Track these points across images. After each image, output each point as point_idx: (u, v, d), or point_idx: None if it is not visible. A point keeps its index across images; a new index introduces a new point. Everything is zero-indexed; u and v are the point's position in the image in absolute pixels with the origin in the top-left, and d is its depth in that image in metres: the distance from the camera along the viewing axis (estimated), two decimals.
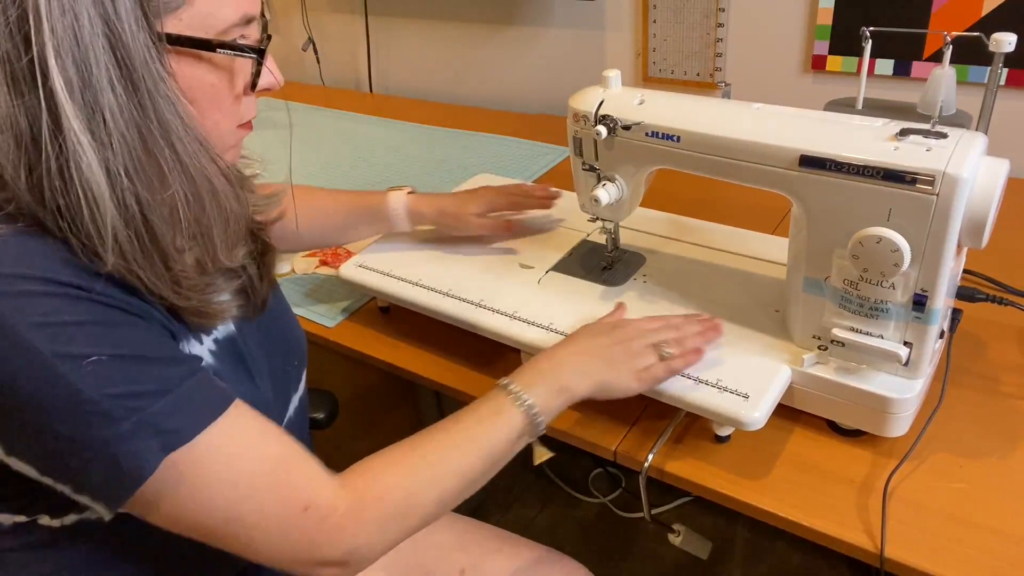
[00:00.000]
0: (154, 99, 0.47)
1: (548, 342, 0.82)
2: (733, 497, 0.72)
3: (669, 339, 0.75)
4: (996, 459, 0.72)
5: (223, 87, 0.54)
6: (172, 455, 0.51)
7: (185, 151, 0.50)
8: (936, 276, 0.66)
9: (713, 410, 0.72)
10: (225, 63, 0.53)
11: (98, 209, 0.47)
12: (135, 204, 0.49)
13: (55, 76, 0.43)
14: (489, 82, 1.83)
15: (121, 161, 0.47)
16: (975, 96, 1.02)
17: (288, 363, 0.75)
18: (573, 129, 0.84)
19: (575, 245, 1.00)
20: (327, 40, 2.07)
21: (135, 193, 0.48)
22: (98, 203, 0.47)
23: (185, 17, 0.49)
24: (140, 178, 0.48)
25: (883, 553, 0.65)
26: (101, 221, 0.48)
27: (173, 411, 0.51)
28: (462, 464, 0.64)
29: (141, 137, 0.48)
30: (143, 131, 0.48)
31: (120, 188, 0.48)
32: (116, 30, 0.45)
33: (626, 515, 1.64)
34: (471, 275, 0.95)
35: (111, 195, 0.47)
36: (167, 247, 0.52)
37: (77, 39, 0.44)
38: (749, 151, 0.71)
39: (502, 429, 0.66)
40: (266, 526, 0.55)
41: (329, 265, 1.16)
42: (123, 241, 0.49)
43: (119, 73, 0.45)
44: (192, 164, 0.51)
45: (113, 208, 0.48)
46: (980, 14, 1.18)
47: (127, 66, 0.46)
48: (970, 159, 0.61)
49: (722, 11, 1.41)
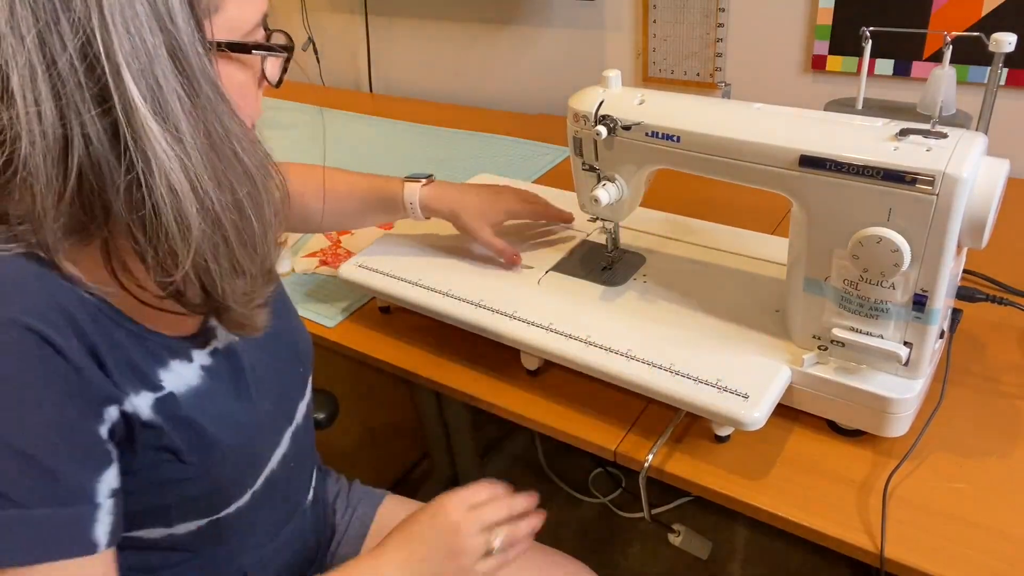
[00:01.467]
0: (214, 103, 0.49)
1: (548, 342, 0.82)
2: (733, 497, 0.72)
3: (500, 523, 0.69)
4: (996, 459, 0.72)
5: (250, 84, 0.56)
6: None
7: (244, 150, 0.51)
8: (936, 276, 0.66)
9: (713, 410, 0.72)
10: (252, 62, 0.55)
11: (183, 215, 0.48)
12: (214, 206, 0.49)
13: (131, 89, 0.44)
14: (489, 82, 1.83)
15: (198, 166, 0.48)
16: (975, 96, 1.02)
17: (294, 371, 0.74)
18: (573, 129, 0.84)
19: (575, 245, 1.00)
20: (327, 40, 2.07)
21: (212, 196, 0.49)
22: (184, 210, 0.48)
23: (218, 22, 0.50)
24: (217, 181, 0.49)
25: (883, 553, 0.65)
26: (184, 227, 0.48)
27: (11, 529, 0.47)
28: None
29: (210, 142, 0.49)
30: (212, 135, 0.49)
31: (201, 193, 0.48)
32: (175, 41, 0.46)
33: (626, 515, 1.64)
34: (471, 275, 0.95)
35: (194, 199, 0.48)
36: (238, 248, 0.52)
37: (144, 53, 0.45)
38: (749, 151, 0.71)
39: None
40: None
41: (329, 265, 1.16)
42: (204, 244, 0.49)
43: (183, 81, 0.47)
44: (252, 162, 0.52)
45: (196, 211, 0.48)
46: (980, 14, 1.18)
47: (188, 74, 0.47)
48: (970, 159, 0.61)
49: (722, 11, 1.41)
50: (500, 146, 1.54)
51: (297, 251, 1.21)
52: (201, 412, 0.60)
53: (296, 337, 0.76)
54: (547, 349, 0.82)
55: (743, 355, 0.77)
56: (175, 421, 0.58)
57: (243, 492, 0.66)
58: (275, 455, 0.70)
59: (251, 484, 0.67)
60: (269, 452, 0.69)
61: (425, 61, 1.92)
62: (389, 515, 0.93)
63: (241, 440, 0.64)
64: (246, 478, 0.66)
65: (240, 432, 0.64)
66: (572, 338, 0.82)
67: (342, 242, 1.22)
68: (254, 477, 0.67)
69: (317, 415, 1.00)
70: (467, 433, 1.64)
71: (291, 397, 0.73)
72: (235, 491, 0.65)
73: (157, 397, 0.57)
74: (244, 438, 0.65)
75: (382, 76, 2.03)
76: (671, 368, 0.76)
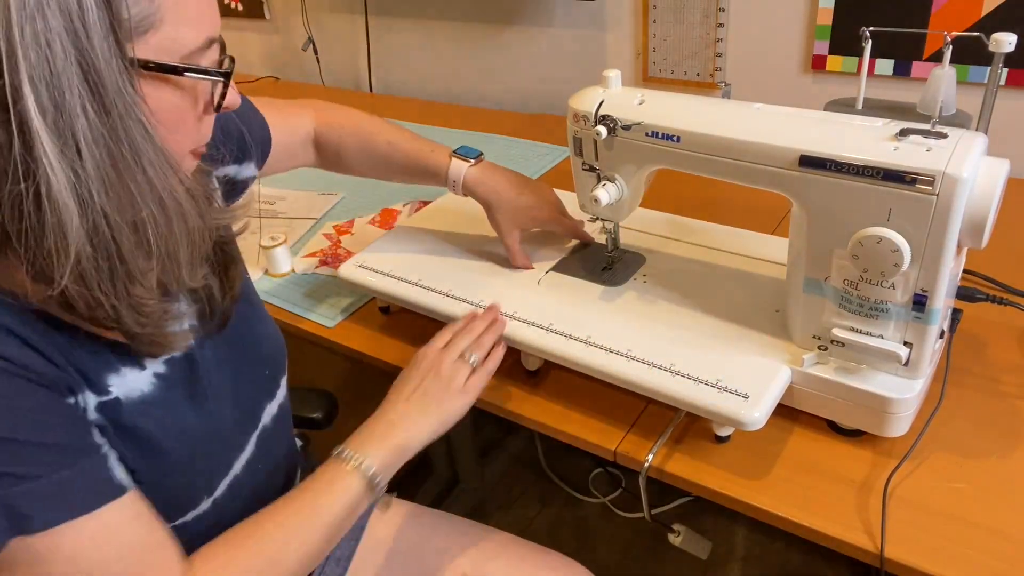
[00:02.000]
0: (126, 123, 0.47)
1: (548, 342, 0.82)
2: (733, 497, 0.72)
3: (469, 346, 0.79)
4: (996, 459, 0.72)
5: (187, 108, 0.54)
6: (23, 538, 0.51)
7: (156, 173, 0.50)
8: (936, 276, 0.66)
9: (713, 410, 0.72)
10: (189, 85, 0.53)
11: (63, 232, 0.46)
12: (105, 226, 0.48)
13: (29, 103, 0.43)
14: (489, 82, 1.83)
15: (93, 184, 0.46)
16: (975, 96, 1.02)
17: (258, 375, 0.75)
18: (573, 129, 0.84)
19: (575, 245, 1.00)
20: (327, 40, 2.07)
21: (105, 215, 0.47)
22: (64, 226, 0.46)
23: (153, 42, 0.49)
24: (111, 201, 0.47)
25: (883, 553, 0.65)
26: (63, 244, 0.46)
27: (35, 498, 0.51)
28: (305, 540, 0.65)
29: (113, 160, 0.47)
30: (115, 155, 0.47)
31: (91, 211, 0.47)
32: (89, 57, 0.44)
33: (626, 515, 1.64)
34: (471, 275, 0.95)
35: (80, 218, 0.46)
36: (133, 269, 0.51)
37: (50, 66, 0.43)
38: (749, 151, 0.71)
39: (341, 498, 0.67)
40: None
41: (329, 265, 1.16)
42: (86, 263, 0.48)
43: (92, 99, 0.45)
44: (162, 185, 0.50)
45: (81, 230, 0.47)
46: (980, 14, 1.18)
47: (99, 92, 0.45)
48: (970, 159, 0.61)
49: (722, 11, 1.41)
50: (500, 146, 1.54)
51: (297, 251, 1.21)
52: (150, 420, 0.61)
53: (263, 341, 0.77)
54: (547, 349, 0.82)
55: (743, 355, 0.77)
56: (117, 427, 0.59)
57: (199, 500, 0.67)
58: (238, 460, 0.71)
59: (209, 492, 0.67)
60: (230, 459, 0.70)
61: (425, 61, 1.92)
62: (384, 518, 0.93)
63: (193, 450, 0.65)
64: (202, 486, 0.67)
65: (192, 442, 0.65)
66: (572, 338, 0.82)
67: (342, 242, 1.22)
68: (212, 485, 0.68)
69: (316, 415, 1.00)
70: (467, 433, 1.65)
71: (255, 400, 0.74)
72: (191, 499, 0.66)
73: (101, 401, 0.58)
74: (196, 448, 0.65)
75: (382, 76, 2.03)
76: (671, 368, 0.76)
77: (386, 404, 0.76)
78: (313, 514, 0.66)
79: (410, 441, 0.73)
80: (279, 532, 0.64)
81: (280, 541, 0.64)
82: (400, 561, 0.88)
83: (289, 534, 0.65)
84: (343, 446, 0.71)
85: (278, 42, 2.20)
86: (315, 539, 0.66)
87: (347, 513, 0.68)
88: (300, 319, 1.05)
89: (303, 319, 1.04)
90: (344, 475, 0.68)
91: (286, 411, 0.81)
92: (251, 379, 0.74)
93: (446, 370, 0.77)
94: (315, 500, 0.67)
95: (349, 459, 0.69)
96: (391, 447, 0.71)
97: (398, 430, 0.73)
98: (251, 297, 0.78)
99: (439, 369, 0.77)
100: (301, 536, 0.65)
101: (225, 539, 0.64)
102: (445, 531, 0.91)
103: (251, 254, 1.18)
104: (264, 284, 1.13)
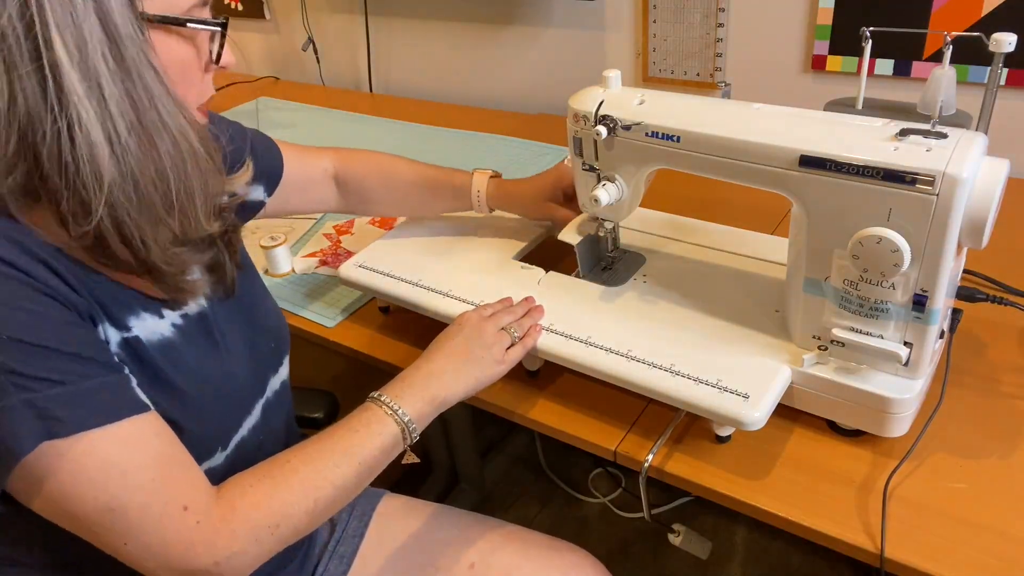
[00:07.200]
0: (139, 68, 0.54)
1: (548, 342, 0.82)
2: (733, 497, 0.72)
3: (512, 322, 0.82)
4: (996, 459, 0.72)
5: (191, 60, 0.61)
6: (54, 442, 0.53)
7: (168, 113, 0.56)
8: (936, 276, 0.66)
9: (713, 410, 0.72)
10: (190, 36, 0.60)
11: (97, 164, 0.53)
12: (130, 161, 0.54)
13: (58, 50, 0.50)
14: (489, 82, 1.83)
15: (117, 123, 0.53)
16: (975, 96, 1.02)
17: (264, 344, 0.77)
18: (573, 129, 0.84)
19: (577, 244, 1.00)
20: (327, 40, 2.07)
21: (130, 151, 0.54)
22: (97, 159, 0.52)
23: None
24: (132, 137, 0.54)
25: (883, 553, 0.65)
26: (97, 174, 0.53)
27: (64, 402, 0.54)
28: (335, 474, 0.65)
29: (131, 101, 0.54)
30: (132, 95, 0.54)
31: (117, 147, 0.53)
32: (106, 9, 0.52)
33: (626, 515, 1.64)
34: (471, 275, 0.95)
35: (110, 152, 0.53)
36: (156, 204, 0.57)
37: (73, 19, 0.50)
38: (749, 151, 0.71)
39: (375, 439, 0.69)
40: (145, 521, 0.57)
41: (329, 265, 1.16)
42: (118, 193, 0.54)
43: (109, 46, 0.52)
44: (174, 124, 0.57)
45: (111, 162, 0.53)
46: (980, 14, 1.18)
47: (116, 40, 0.52)
48: (970, 159, 0.61)
49: (722, 11, 1.41)
50: (500, 146, 1.54)
51: (297, 251, 1.21)
52: (169, 362, 0.64)
53: (268, 314, 0.81)
54: (547, 349, 0.82)
55: (743, 355, 0.77)
56: (141, 364, 0.62)
57: (214, 449, 0.68)
58: (246, 422, 0.72)
59: (222, 444, 0.69)
60: (240, 416, 0.72)
61: (425, 61, 1.92)
62: (387, 513, 0.93)
63: (209, 394, 0.67)
64: (217, 435, 0.68)
65: (210, 389, 0.67)
66: (572, 338, 0.82)
67: (342, 242, 1.22)
68: (226, 436, 0.69)
69: (316, 415, 1.00)
70: (467, 433, 1.65)
71: (263, 368, 0.76)
72: (206, 446, 0.67)
73: (124, 337, 0.61)
74: (213, 394, 0.67)
75: (382, 76, 2.03)
76: (671, 368, 0.76)
77: (426, 357, 0.78)
78: (348, 451, 0.67)
79: (446, 395, 0.74)
80: (311, 465, 0.65)
81: (310, 475, 0.64)
82: (405, 555, 0.88)
83: (322, 467, 0.65)
84: (380, 391, 0.72)
85: (278, 42, 2.20)
86: (347, 475, 0.66)
87: (379, 455, 0.69)
88: (300, 319, 1.05)
89: (303, 319, 1.04)
90: (380, 418, 0.70)
91: (287, 390, 0.82)
92: (259, 348, 0.76)
93: (489, 337, 0.79)
94: (350, 438, 0.68)
95: (386, 404, 0.71)
96: (428, 398, 0.73)
97: (435, 382, 0.74)
98: (252, 272, 0.81)
99: (483, 334, 0.79)
100: (331, 472, 0.65)
101: (255, 469, 0.65)
102: (450, 524, 0.91)
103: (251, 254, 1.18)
104: None
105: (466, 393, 0.76)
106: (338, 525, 0.91)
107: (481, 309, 0.84)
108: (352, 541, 0.90)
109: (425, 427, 0.73)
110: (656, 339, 0.81)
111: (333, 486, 0.65)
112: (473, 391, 0.77)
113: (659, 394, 0.75)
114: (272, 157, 0.94)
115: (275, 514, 0.62)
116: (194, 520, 0.58)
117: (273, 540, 0.62)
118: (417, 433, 0.72)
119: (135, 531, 0.56)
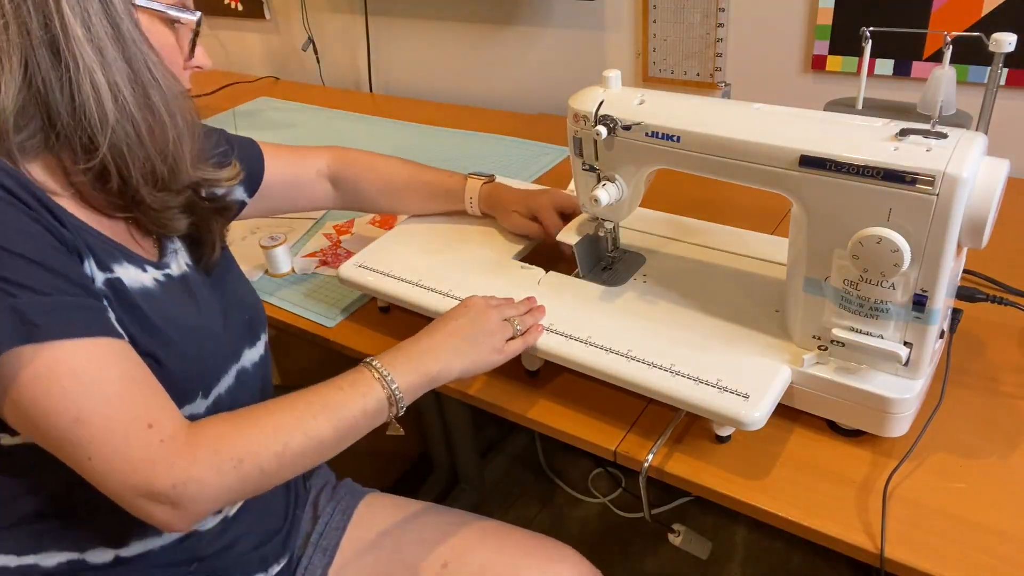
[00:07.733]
0: (133, 37, 0.64)
1: (548, 342, 0.82)
2: (733, 497, 0.72)
3: (515, 316, 0.83)
4: (996, 459, 0.72)
5: (173, 48, 0.70)
6: (28, 346, 0.56)
7: (158, 73, 0.66)
8: (936, 276, 0.66)
9: (713, 410, 0.72)
10: (175, 30, 0.70)
11: (103, 106, 0.62)
12: (129, 107, 0.64)
13: (68, 15, 0.60)
14: (489, 82, 1.83)
15: (117, 75, 0.63)
16: (975, 96, 1.02)
17: (239, 315, 0.79)
18: (573, 129, 0.84)
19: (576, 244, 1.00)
20: (327, 40, 2.07)
21: (127, 97, 0.64)
22: (103, 102, 0.62)
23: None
24: (129, 87, 0.64)
25: (883, 553, 0.65)
26: (103, 114, 0.62)
27: (43, 311, 0.56)
28: (309, 424, 0.65)
29: (126, 58, 0.64)
30: (127, 56, 0.64)
31: (118, 93, 0.63)
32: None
33: (626, 515, 1.64)
34: (471, 275, 0.95)
35: (112, 97, 0.63)
36: (150, 144, 0.65)
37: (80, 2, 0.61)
38: (749, 151, 0.71)
39: (358, 400, 0.69)
40: (109, 433, 0.57)
41: (329, 265, 1.16)
42: (120, 132, 0.63)
43: (107, 15, 0.62)
44: (164, 83, 0.66)
45: (114, 106, 0.63)
46: (980, 14, 1.18)
47: (112, 12, 0.63)
48: (970, 159, 0.61)
49: (722, 11, 1.41)
50: (500, 146, 1.54)
51: (297, 251, 1.21)
52: (151, 308, 0.66)
53: (244, 293, 0.84)
54: (547, 349, 0.82)
55: (743, 355, 0.77)
56: (122, 304, 0.64)
57: (193, 394, 0.69)
58: (223, 380, 0.74)
59: (203, 391, 0.70)
60: (218, 370, 0.73)
61: (425, 61, 1.92)
62: (371, 509, 0.93)
63: (189, 340, 0.68)
64: (196, 378, 0.69)
65: (189, 334, 0.69)
66: (572, 338, 0.82)
67: (342, 242, 1.22)
68: (205, 383, 0.71)
69: None
70: (467, 433, 1.64)
71: (238, 337, 0.78)
72: (186, 389, 0.68)
73: (107, 277, 0.65)
74: (193, 339, 0.69)
75: (382, 76, 2.03)
76: (671, 368, 0.76)
77: (427, 331, 0.78)
78: (328, 405, 0.67)
79: (439, 372, 0.75)
80: (287, 411, 0.66)
81: (283, 421, 0.65)
82: (382, 555, 0.89)
83: (299, 415, 0.65)
84: (374, 357, 0.73)
85: (278, 42, 2.20)
86: (323, 428, 0.66)
87: (359, 416, 0.69)
88: (300, 319, 1.05)
89: (303, 319, 1.05)
90: (368, 381, 0.70)
91: (265, 366, 0.83)
92: (233, 317, 0.78)
93: (492, 324, 0.80)
94: (333, 394, 0.68)
95: (377, 368, 0.71)
96: (421, 371, 0.73)
97: (431, 357, 0.75)
98: (231, 262, 0.84)
99: (486, 320, 0.80)
100: (307, 422, 0.65)
101: (231, 412, 0.65)
102: (426, 522, 0.91)
103: (251, 254, 1.18)
104: (264, 284, 1.13)
105: (460, 374, 0.77)
106: (321, 518, 0.92)
107: (488, 298, 0.85)
108: (335, 534, 0.90)
109: (414, 400, 0.73)
110: (656, 339, 0.81)
111: (306, 435, 0.65)
112: (467, 374, 0.78)
113: (659, 394, 0.75)
114: (253, 159, 0.97)
115: (240, 449, 0.62)
116: (157, 438, 0.59)
117: (235, 476, 0.61)
118: (404, 404, 0.72)
119: (98, 442, 0.57)
